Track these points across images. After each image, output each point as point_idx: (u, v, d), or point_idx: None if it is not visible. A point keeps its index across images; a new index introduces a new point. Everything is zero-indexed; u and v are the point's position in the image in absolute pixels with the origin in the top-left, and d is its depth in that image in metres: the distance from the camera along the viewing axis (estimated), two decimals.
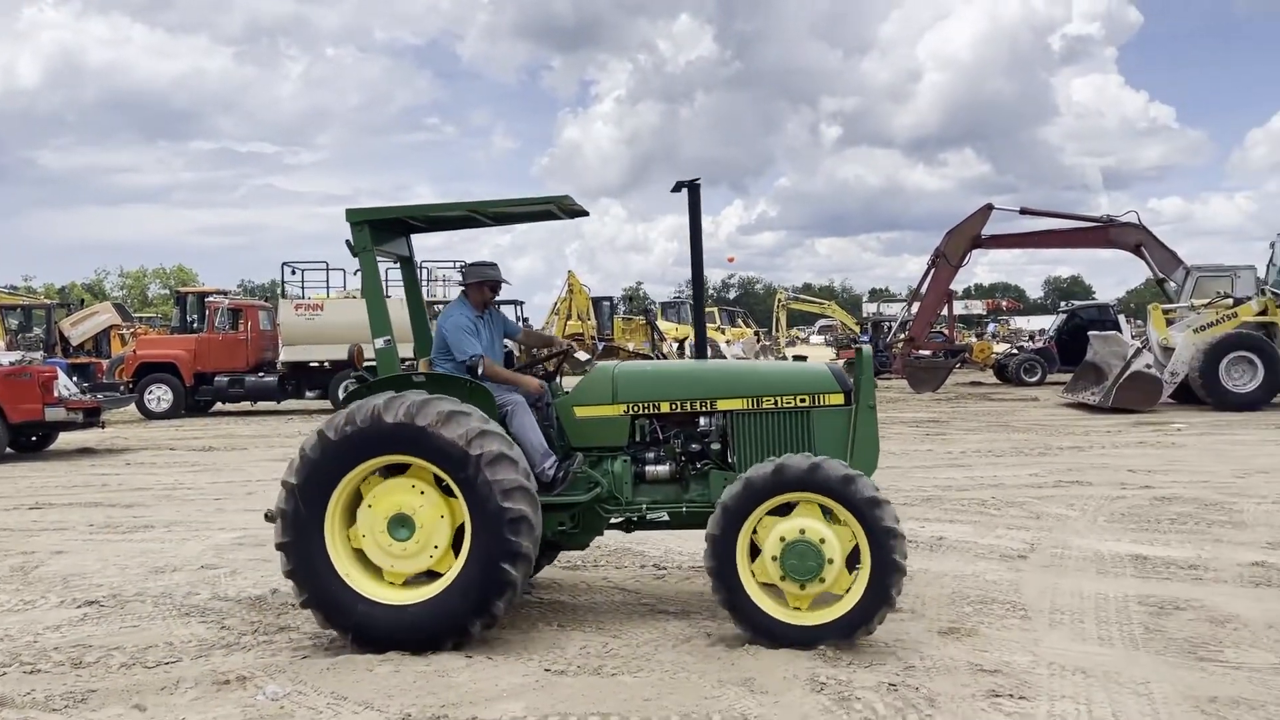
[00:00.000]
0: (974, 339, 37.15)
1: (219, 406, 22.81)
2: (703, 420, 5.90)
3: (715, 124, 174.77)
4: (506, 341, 6.53)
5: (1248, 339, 18.62)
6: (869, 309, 52.59)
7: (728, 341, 47.00)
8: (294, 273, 22.62)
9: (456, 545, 5.34)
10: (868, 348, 6.10)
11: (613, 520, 5.88)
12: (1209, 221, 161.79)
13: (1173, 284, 22.84)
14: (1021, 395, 22.97)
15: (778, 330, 40.04)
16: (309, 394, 22.43)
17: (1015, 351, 30.49)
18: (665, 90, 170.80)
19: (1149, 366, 18.69)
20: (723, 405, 5.81)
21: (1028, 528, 8.21)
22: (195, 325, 22.73)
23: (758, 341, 48.77)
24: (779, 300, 40.61)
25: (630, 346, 37.82)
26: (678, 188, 6.15)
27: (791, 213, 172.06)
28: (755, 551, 5.19)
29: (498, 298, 6.48)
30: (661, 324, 44.51)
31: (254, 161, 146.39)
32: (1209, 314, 19.55)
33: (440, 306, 23.91)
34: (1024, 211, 23.72)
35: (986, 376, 29.54)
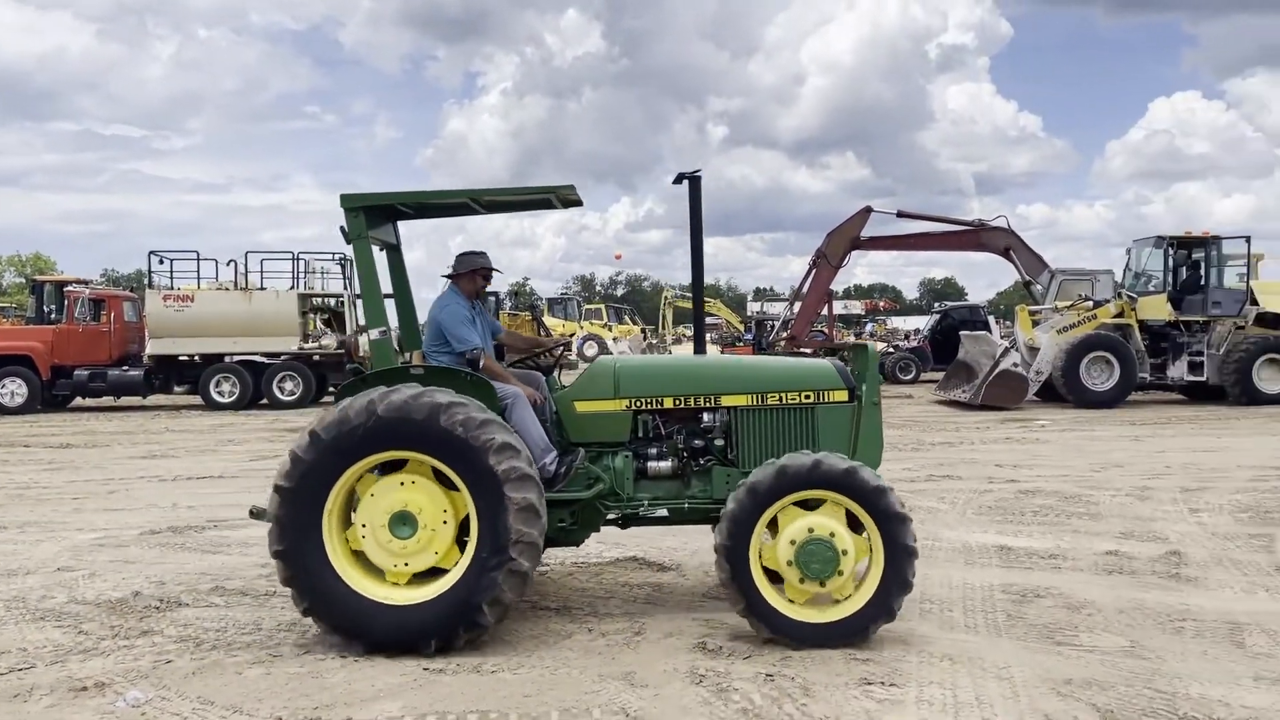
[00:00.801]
0: (853, 338, 38.14)
1: (79, 402, 21.73)
2: (706, 416, 5.84)
3: (603, 120, 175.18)
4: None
5: (1105, 340, 19.62)
6: (753, 308, 53.42)
7: (614, 339, 47.15)
8: (162, 262, 21.68)
9: (459, 540, 5.18)
10: (873, 345, 6.08)
11: (609, 516, 5.77)
12: (1072, 227, 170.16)
13: (1038, 286, 23.87)
14: (897, 393, 23.72)
15: (664, 328, 40.33)
16: (178, 389, 21.55)
17: (891, 350, 31.39)
18: (552, 85, 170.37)
19: (1016, 365, 19.55)
20: (726, 401, 5.78)
21: None
22: (53, 316, 21.59)
23: (644, 339, 49.07)
24: (665, 298, 40.91)
25: None
26: (679, 179, 6.08)
27: (679, 211, 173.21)
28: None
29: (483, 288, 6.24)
30: (548, 320, 44.36)
31: (119, 145, 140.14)
32: (1071, 316, 20.53)
33: (323, 300, 23.30)
34: (901, 214, 24.44)
35: None
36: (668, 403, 5.79)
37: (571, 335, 45.29)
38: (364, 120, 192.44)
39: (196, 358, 21.11)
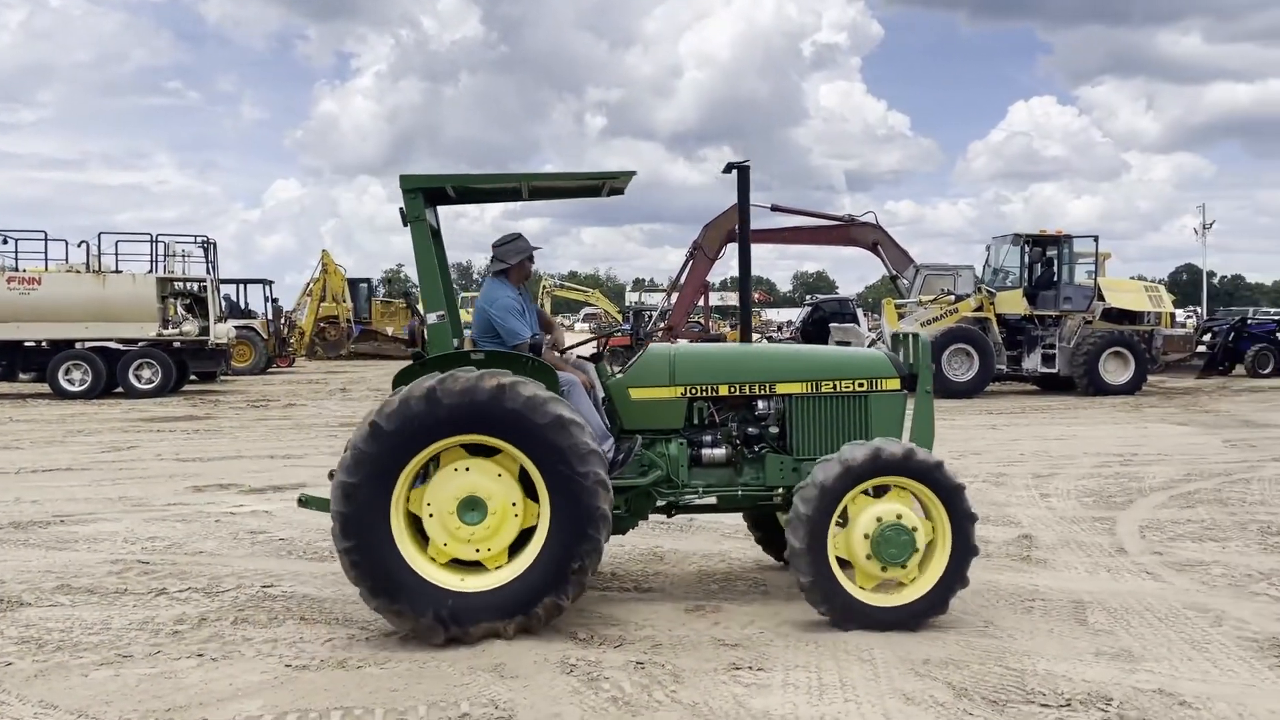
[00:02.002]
0: (729, 329, 38.76)
1: None
2: (761, 404, 5.82)
3: (480, 106, 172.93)
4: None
5: (966, 332, 20.45)
6: (631, 298, 53.75)
7: None
8: (5, 242, 20.40)
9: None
10: (925, 335, 6.17)
11: (659, 504, 5.71)
12: (937, 224, 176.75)
13: (904, 281, 24.70)
14: None
15: None
16: (23, 376, 20.37)
17: (765, 341, 32.06)
18: (428, 68, 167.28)
19: None
20: (781, 389, 5.78)
21: None
22: None
23: None
24: (544, 287, 40.66)
25: (389, 331, 36.77)
26: (729, 169, 6.07)
27: (556, 201, 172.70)
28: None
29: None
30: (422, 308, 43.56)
31: None
32: (934, 309, 21.32)
33: (185, 285, 22.31)
34: (775, 208, 24.92)
35: None
36: (723, 390, 5.78)
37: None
38: (229, 99, 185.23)
39: (44, 344, 19.97)
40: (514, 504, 5.08)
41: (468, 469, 5.08)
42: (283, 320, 31.28)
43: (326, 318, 35.09)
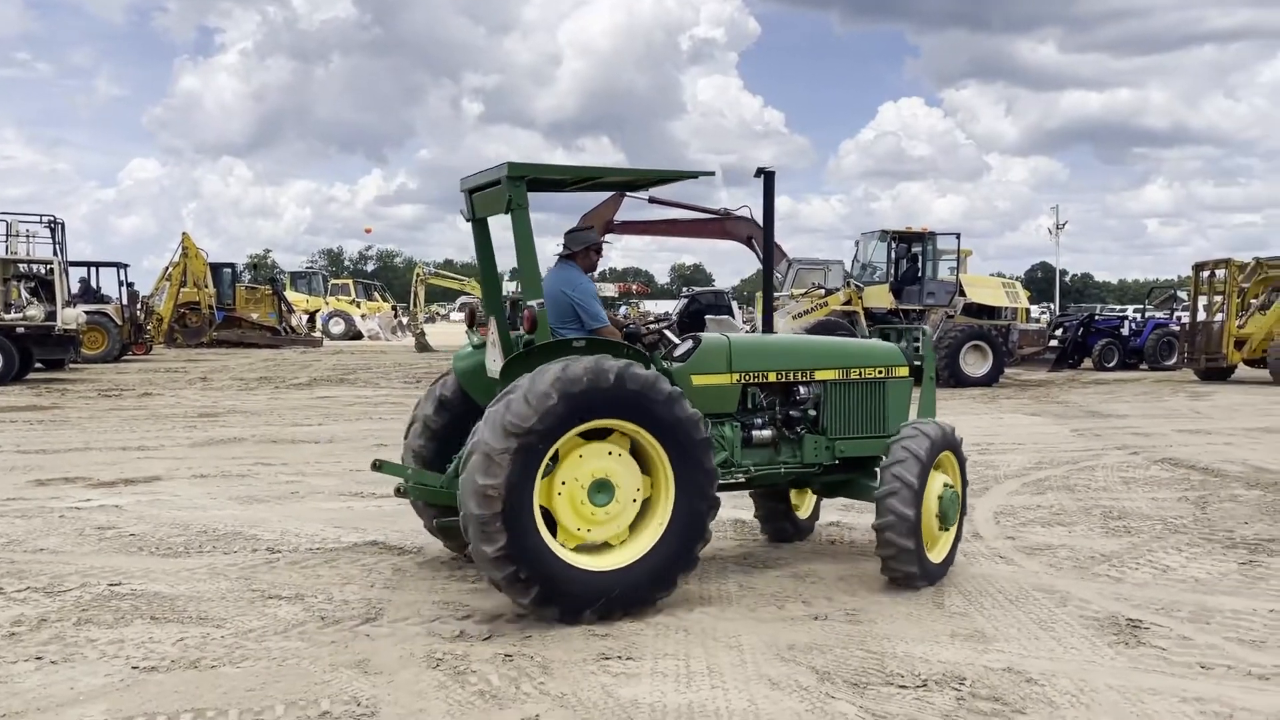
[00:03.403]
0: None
1: None
2: (801, 389, 6.34)
3: (352, 88, 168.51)
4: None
5: (834, 326, 20.96)
6: (509, 288, 53.24)
7: (363, 316, 45.59)
8: None
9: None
10: (929, 328, 6.64)
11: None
12: (810, 219, 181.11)
13: (777, 275, 25.18)
14: None
15: (416, 306, 39.28)
16: None
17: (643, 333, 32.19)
18: (298, 47, 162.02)
19: None
20: (820, 375, 6.33)
21: None
22: None
23: (395, 316, 47.75)
24: (418, 275, 39.82)
25: (254, 318, 35.49)
26: (758, 174, 6.36)
27: (432, 186, 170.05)
28: None
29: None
30: (291, 295, 42.23)
31: None
32: (805, 302, 21.84)
33: (29, 267, 21.00)
34: (653, 200, 24.90)
35: None
36: (771, 376, 6.22)
37: (317, 311, 43.42)
38: (83, 73, 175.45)
39: None
40: (635, 481, 5.30)
41: (589, 454, 5.22)
42: (139, 305, 29.81)
43: (187, 303, 33.64)
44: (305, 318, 41.75)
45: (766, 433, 6.20)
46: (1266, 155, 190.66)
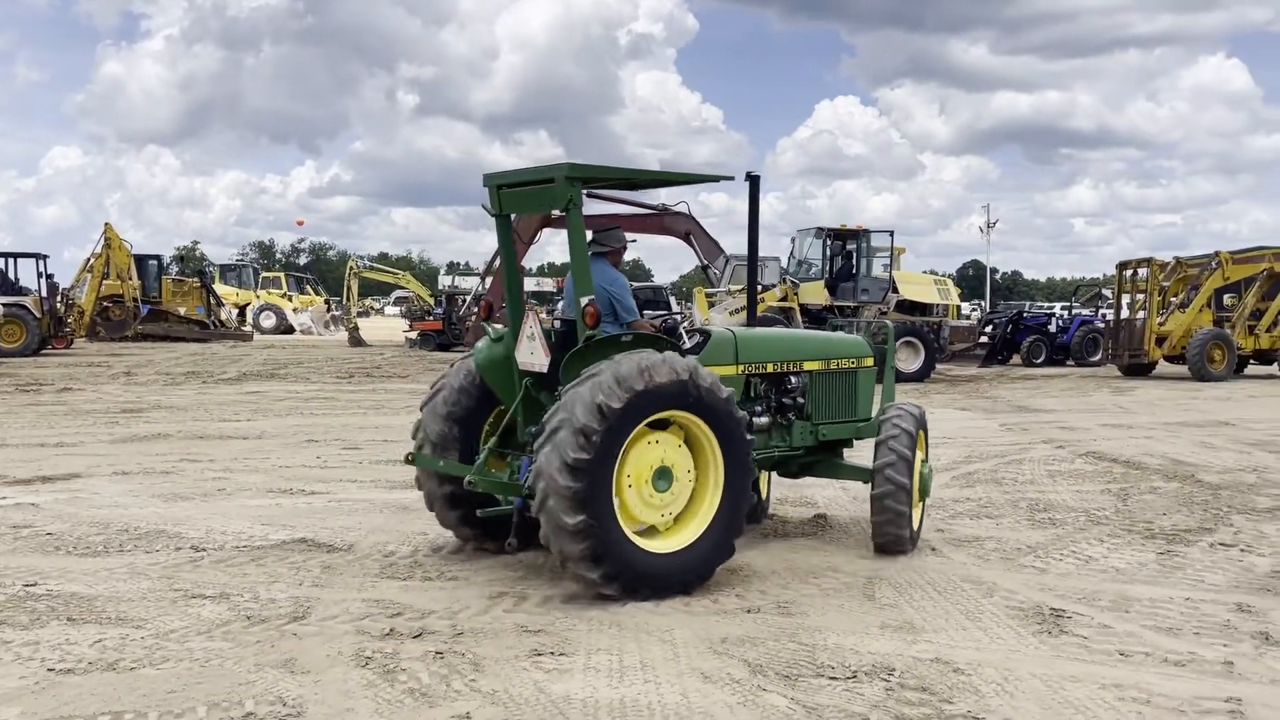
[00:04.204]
0: (545, 314, 38.61)
1: None
2: (793, 379, 6.86)
3: (284, 77, 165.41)
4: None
5: (770, 322, 21.12)
6: (445, 281, 52.73)
7: (295, 309, 44.80)
8: None
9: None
10: (890, 323, 7.06)
11: None
12: (747, 216, 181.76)
13: (715, 270, 25.33)
14: None
15: (349, 299, 38.71)
16: None
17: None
18: (227, 35, 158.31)
19: None
20: (808, 366, 6.87)
21: None
22: None
23: (328, 310, 47.01)
24: (351, 268, 39.24)
25: (181, 311, 34.66)
26: (748, 177, 6.74)
27: (367, 178, 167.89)
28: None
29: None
30: (220, 288, 41.35)
31: None
32: (741, 298, 21.93)
33: None
34: (591, 195, 24.94)
35: None
36: (769, 368, 6.72)
37: (247, 305, 42.58)
38: (1, 57, 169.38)
39: None
40: (689, 470, 5.63)
41: (656, 441, 5.53)
42: (59, 298, 28.92)
43: (110, 296, 32.72)
44: (235, 311, 40.90)
45: (764, 419, 6.70)
46: (1187, 158, 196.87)
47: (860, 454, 7.44)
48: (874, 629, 5.11)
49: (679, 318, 6.65)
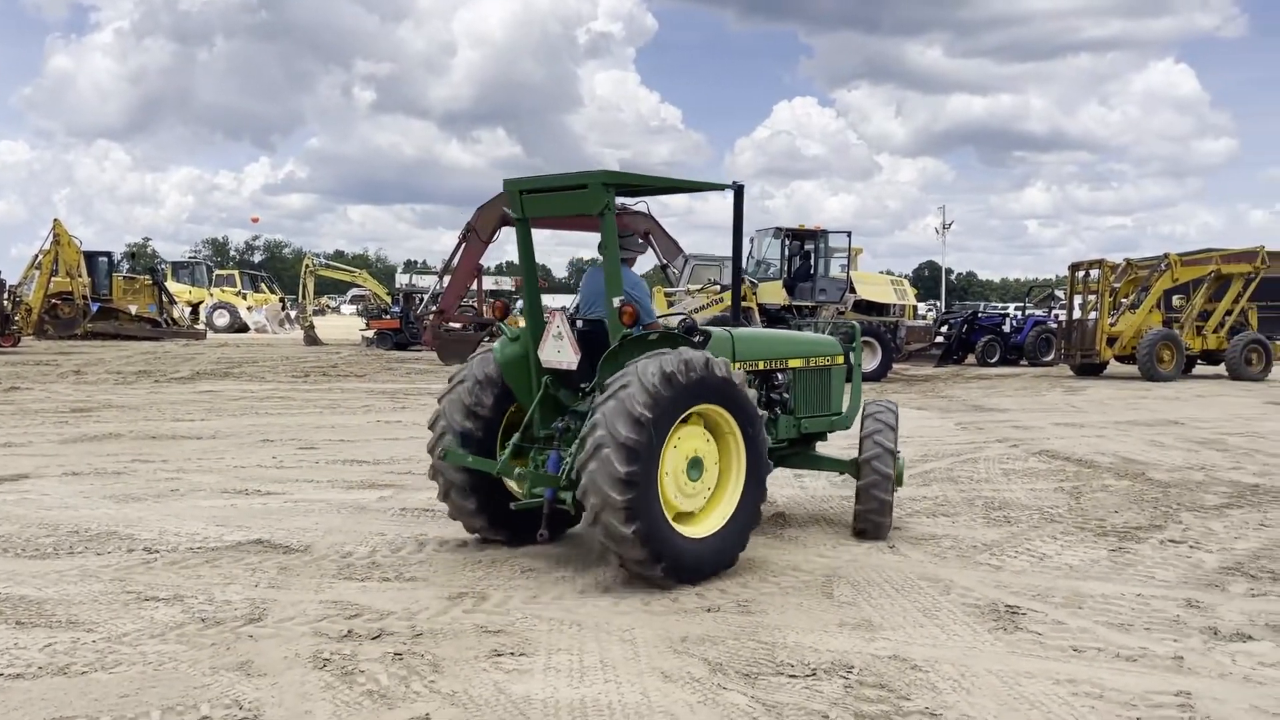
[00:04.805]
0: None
1: None
2: (779, 375, 7.22)
3: (237, 73, 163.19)
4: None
5: (725, 321, 21.22)
6: (402, 280, 52.25)
7: (249, 308, 44.20)
8: None
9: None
10: (857, 324, 7.30)
11: None
12: (707, 216, 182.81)
13: (674, 270, 25.36)
14: None
15: (304, 298, 38.24)
16: None
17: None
18: (179, 29, 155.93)
19: None
20: (792, 364, 7.25)
21: None
22: None
23: (283, 309, 46.43)
24: (307, 266, 38.76)
25: (133, 310, 34.06)
26: (731, 185, 6.80)
27: (323, 176, 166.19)
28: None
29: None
30: (173, 286, 40.70)
31: None
32: (701, 298, 22.01)
33: None
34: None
35: None
36: (761, 365, 7.06)
37: (200, 303, 41.93)
38: None
39: None
40: (715, 460, 5.96)
41: (685, 435, 5.80)
42: (6, 295, 28.29)
43: (59, 293, 32.08)
44: (188, 309, 40.28)
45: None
46: (1137, 161, 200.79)
47: (830, 447, 7.47)
48: (833, 627, 5.15)
49: (694, 319, 6.90)
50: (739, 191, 7.13)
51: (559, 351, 6.19)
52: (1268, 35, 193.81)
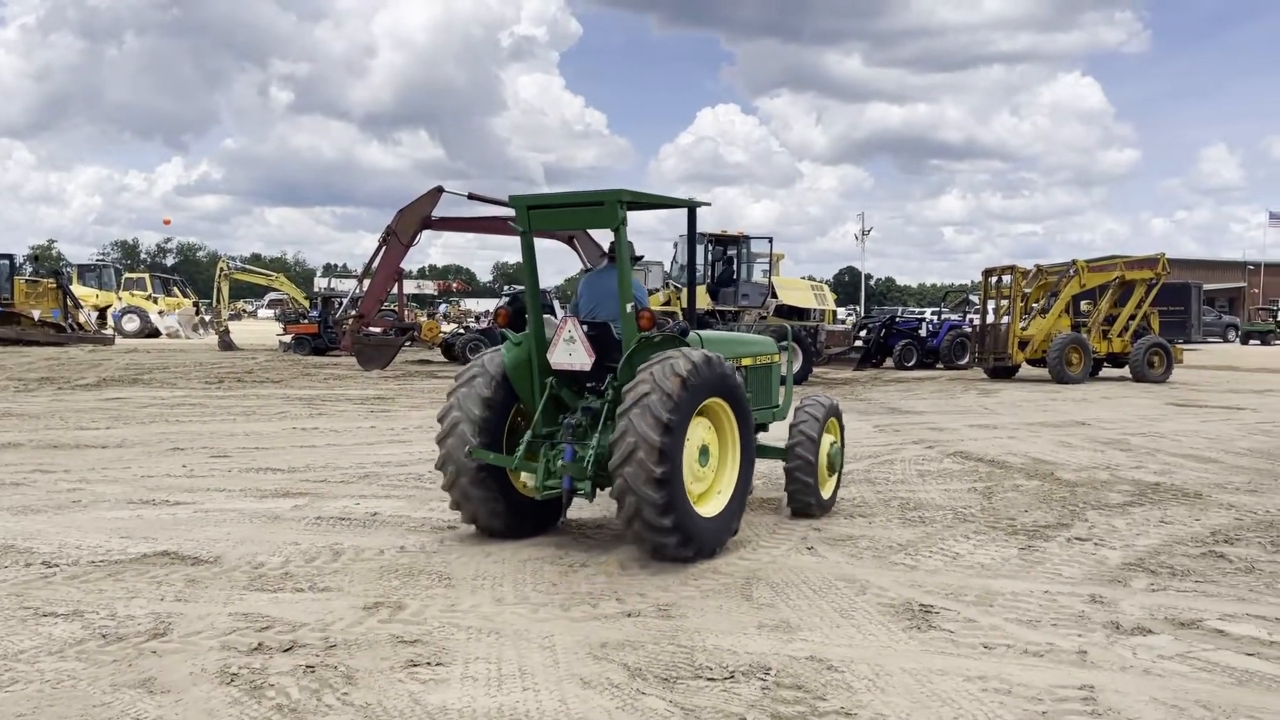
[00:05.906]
0: (425, 318, 38.09)
1: None
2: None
3: (148, 71, 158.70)
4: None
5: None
6: (321, 284, 51.36)
7: (160, 312, 42.97)
8: None
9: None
10: (789, 326, 7.39)
11: None
12: (632, 221, 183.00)
13: None
14: None
15: (219, 302, 37.30)
16: None
17: (462, 331, 31.70)
18: (86, 26, 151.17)
19: None
20: (744, 362, 7.78)
21: None
22: None
23: (196, 313, 45.24)
24: (222, 270, 37.82)
25: (36, 315, 32.84)
26: (689, 204, 7.19)
27: (239, 177, 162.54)
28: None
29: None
30: (79, 290, 39.35)
31: None
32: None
33: None
34: (472, 196, 24.70)
35: (435, 355, 30.37)
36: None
37: (108, 307, 40.68)
38: None
39: None
40: (718, 446, 6.65)
41: (694, 426, 6.36)
42: None
43: None
44: (94, 314, 38.97)
45: None
46: (1046, 171, 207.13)
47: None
48: (751, 629, 5.18)
49: (686, 324, 7.24)
50: (692, 210, 7.61)
51: (571, 354, 6.71)
52: (1170, 51, 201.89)
